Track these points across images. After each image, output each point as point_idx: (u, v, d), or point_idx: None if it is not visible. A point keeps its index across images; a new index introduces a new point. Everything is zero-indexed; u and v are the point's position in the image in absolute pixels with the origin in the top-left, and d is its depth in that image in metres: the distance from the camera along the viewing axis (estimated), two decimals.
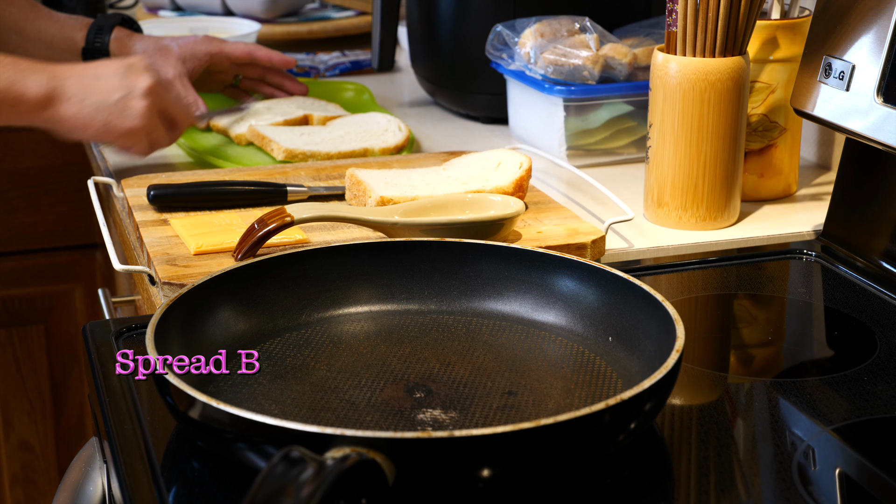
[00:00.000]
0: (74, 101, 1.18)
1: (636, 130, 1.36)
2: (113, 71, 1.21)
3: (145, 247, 1.05)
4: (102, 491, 0.87)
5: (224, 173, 1.24)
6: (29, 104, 1.17)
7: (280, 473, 0.61)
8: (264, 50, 1.48)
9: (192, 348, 0.82)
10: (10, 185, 1.85)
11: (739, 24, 1.10)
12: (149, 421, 0.80)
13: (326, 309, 0.91)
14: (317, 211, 0.99)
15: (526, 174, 1.13)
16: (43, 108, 1.18)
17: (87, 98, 1.19)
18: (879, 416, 0.81)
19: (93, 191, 1.19)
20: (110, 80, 1.20)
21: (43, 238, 1.89)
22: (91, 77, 1.20)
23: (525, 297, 0.91)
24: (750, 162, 1.21)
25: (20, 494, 1.95)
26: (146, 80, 1.21)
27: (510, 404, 0.78)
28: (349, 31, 2.00)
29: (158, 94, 1.22)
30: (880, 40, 1.02)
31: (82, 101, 1.18)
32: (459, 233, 1.00)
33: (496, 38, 1.37)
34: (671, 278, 1.05)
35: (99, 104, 1.19)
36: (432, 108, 1.63)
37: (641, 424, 0.73)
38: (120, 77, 1.20)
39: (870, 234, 1.07)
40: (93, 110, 1.19)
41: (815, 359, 0.94)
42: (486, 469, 0.67)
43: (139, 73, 1.21)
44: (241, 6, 1.99)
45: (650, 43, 1.35)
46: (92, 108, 1.19)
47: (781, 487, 0.73)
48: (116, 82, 1.20)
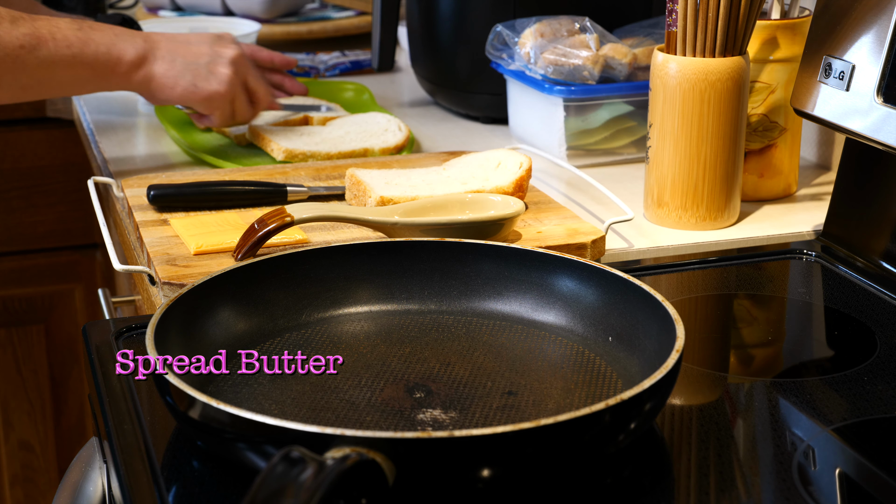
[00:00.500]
0: (165, 61, 1.24)
1: (636, 130, 1.36)
2: (202, 39, 1.28)
3: (145, 247, 1.05)
4: (102, 491, 0.87)
5: (224, 173, 1.24)
6: (125, 65, 1.22)
7: (280, 473, 0.61)
8: (266, 51, 1.49)
9: (192, 348, 0.82)
10: (10, 185, 1.85)
11: (739, 24, 1.10)
12: (149, 421, 0.80)
13: (326, 309, 0.91)
14: (317, 211, 0.99)
15: (526, 174, 1.13)
16: (137, 68, 1.23)
17: (177, 59, 1.24)
18: (879, 416, 0.81)
19: (93, 191, 1.19)
20: (200, 46, 1.26)
21: (43, 238, 1.89)
22: (182, 42, 1.26)
23: (525, 297, 0.91)
24: (750, 162, 1.21)
25: (20, 494, 1.95)
26: (233, 50, 1.27)
27: (510, 404, 0.78)
28: (349, 31, 2.00)
29: (244, 65, 1.28)
30: (880, 40, 1.02)
31: (172, 61, 1.24)
32: (459, 233, 1.00)
33: (496, 38, 1.37)
34: (671, 278, 1.05)
35: (188, 65, 1.25)
36: (432, 108, 1.63)
37: (641, 424, 0.73)
38: (209, 44, 1.27)
39: (870, 234, 1.07)
40: (181, 69, 1.24)
41: (815, 359, 0.94)
42: (486, 469, 0.67)
43: (227, 44, 1.28)
44: (241, 6, 1.99)
45: (650, 43, 1.35)
46: (181, 67, 1.24)
47: (781, 487, 0.73)
48: (206, 48, 1.26)
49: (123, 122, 1.53)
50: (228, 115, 1.29)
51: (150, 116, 1.56)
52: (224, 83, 1.26)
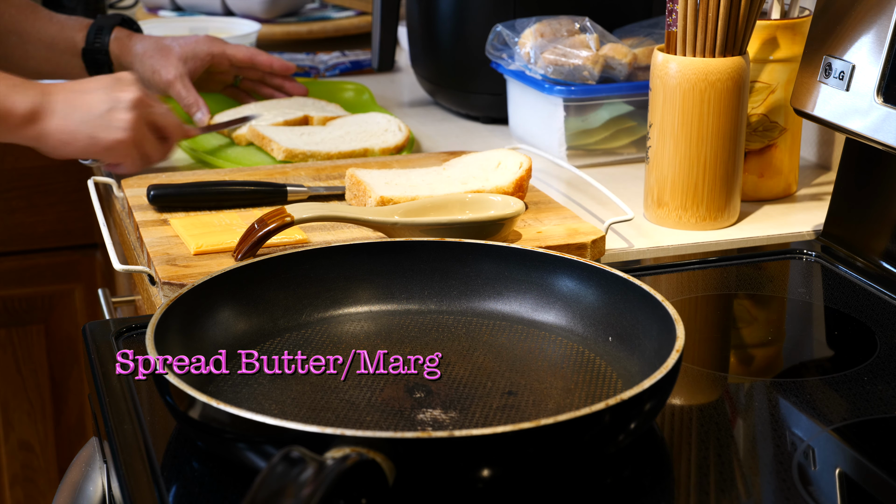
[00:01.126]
0: (59, 116, 1.17)
1: (636, 130, 1.36)
2: (99, 85, 1.20)
3: (145, 247, 1.05)
4: (102, 491, 0.87)
5: (224, 173, 1.24)
6: (16, 119, 1.16)
7: (280, 473, 0.61)
8: (265, 55, 1.48)
9: (192, 348, 0.82)
10: (10, 185, 1.85)
11: (739, 24, 1.10)
12: (149, 421, 0.80)
13: (326, 309, 0.91)
14: (317, 211, 0.99)
15: (526, 174, 1.13)
16: (29, 123, 1.17)
17: (73, 112, 1.17)
18: (879, 416, 0.81)
19: (93, 191, 1.19)
20: (96, 94, 1.19)
21: (43, 238, 1.89)
22: (78, 92, 1.19)
23: (525, 297, 0.91)
24: (750, 162, 1.21)
25: (20, 494, 1.95)
26: (132, 93, 1.19)
27: (510, 404, 0.78)
28: (349, 31, 2.00)
29: (145, 105, 1.20)
30: (880, 40, 1.02)
31: (67, 115, 1.17)
32: (459, 233, 1.00)
33: (496, 38, 1.37)
34: (671, 278, 1.05)
35: (84, 117, 1.17)
36: (432, 108, 1.63)
37: (641, 424, 0.73)
38: (106, 90, 1.19)
39: (870, 234, 1.07)
40: (77, 124, 1.17)
41: (815, 359, 0.94)
42: (486, 469, 0.67)
43: (125, 86, 1.20)
44: (241, 6, 1.99)
45: (650, 43, 1.35)
46: (77, 121, 1.17)
47: (781, 487, 0.73)
48: (102, 95, 1.18)
49: None
50: (138, 158, 1.22)
51: None
52: (124, 130, 1.18)
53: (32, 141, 1.19)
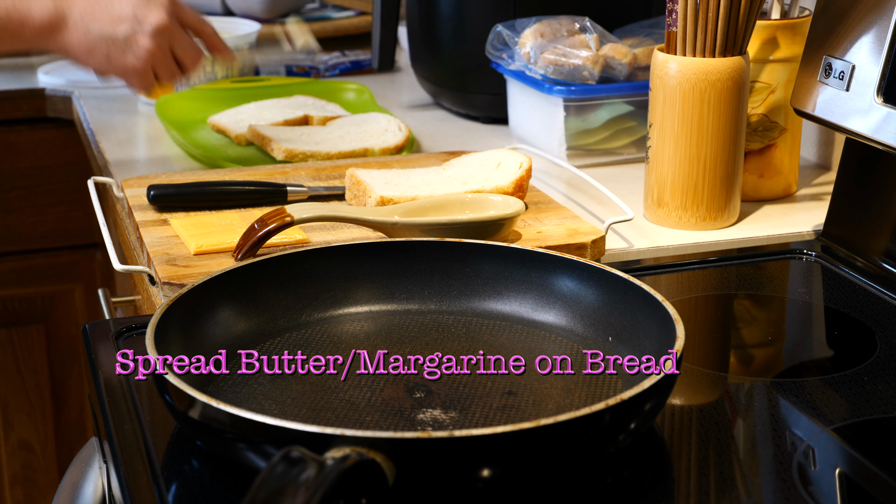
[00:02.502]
0: (79, 29, 1.12)
1: (636, 130, 1.36)
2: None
3: (145, 247, 1.05)
4: (102, 491, 0.87)
5: (224, 173, 1.24)
6: (33, 28, 1.11)
7: (280, 473, 0.61)
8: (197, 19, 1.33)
9: (192, 348, 0.82)
10: (10, 185, 1.85)
11: (739, 24, 1.10)
12: (149, 421, 0.80)
13: (326, 309, 0.91)
14: (317, 211, 0.99)
15: (526, 174, 1.13)
16: (48, 32, 1.12)
17: (92, 26, 1.13)
18: (879, 416, 0.81)
19: (93, 191, 1.19)
20: (122, 9, 1.13)
21: (43, 238, 1.89)
22: (101, 4, 1.13)
23: (525, 297, 0.91)
24: (750, 162, 1.21)
25: (20, 494, 1.95)
26: (158, 16, 1.14)
27: (510, 404, 0.78)
28: (349, 31, 2.00)
29: (168, 32, 1.15)
30: (880, 40, 1.02)
31: (87, 28, 1.12)
32: (459, 233, 1.00)
33: (496, 38, 1.37)
34: (671, 278, 1.05)
35: (103, 34, 1.13)
36: (432, 108, 1.63)
37: (641, 424, 0.73)
38: (132, 7, 1.13)
39: (870, 234, 1.07)
40: (96, 39, 1.13)
41: (815, 359, 0.94)
42: (486, 469, 0.67)
43: (154, 7, 1.14)
44: (241, 6, 1.99)
45: (650, 43, 1.35)
46: (96, 37, 1.13)
47: (781, 487, 0.73)
48: (127, 11, 1.13)
49: (123, 122, 1.53)
50: (150, 83, 1.17)
51: (150, 116, 1.56)
52: (141, 58, 1.14)
53: (55, 50, 1.15)
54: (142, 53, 1.14)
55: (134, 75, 1.16)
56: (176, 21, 1.16)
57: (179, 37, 1.17)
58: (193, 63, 1.20)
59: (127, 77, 1.16)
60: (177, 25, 1.16)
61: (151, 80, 1.17)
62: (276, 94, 1.57)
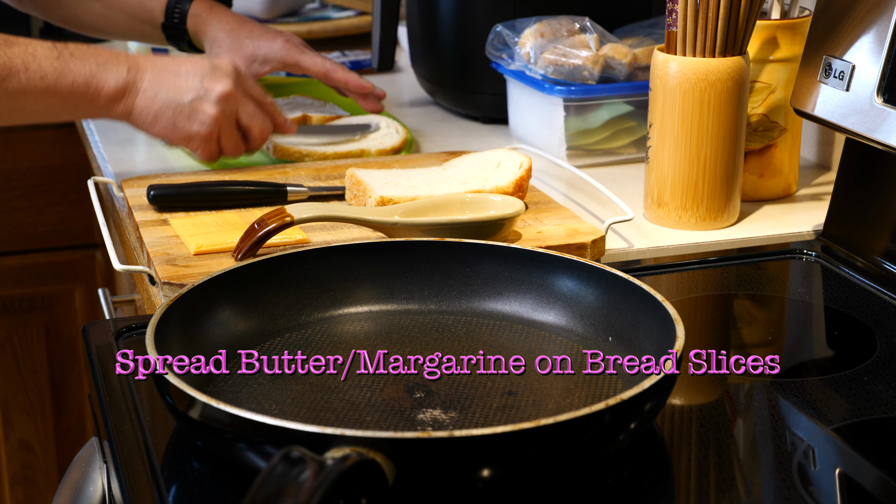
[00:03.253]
0: (147, 95, 1.15)
1: (636, 130, 1.36)
2: (195, 70, 1.16)
3: (145, 247, 1.05)
4: (102, 491, 0.87)
5: (224, 173, 1.24)
6: (106, 98, 1.14)
7: (280, 473, 0.61)
8: (341, 71, 1.41)
9: (192, 348, 0.82)
10: (10, 185, 1.85)
11: (739, 24, 1.10)
12: (149, 421, 0.80)
13: (326, 309, 0.91)
14: (317, 211, 0.99)
15: (526, 174, 1.13)
16: (117, 101, 1.14)
17: (160, 93, 1.15)
18: (879, 416, 0.81)
19: (93, 191, 1.19)
20: (189, 80, 1.16)
21: (43, 238, 1.89)
22: (171, 73, 1.16)
23: (525, 297, 0.91)
24: (750, 162, 1.21)
25: (20, 494, 1.95)
26: (224, 86, 1.16)
27: (510, 404, 0.78)
28: (349, 31, 2.00)
29: (235, 101, 1.17)
30: (880, 40, 1.02)
31: (154, 95, 1.15)
32: (459, 233, 1.00)
33: (496, 38, 1.37)
34: (671, 278, 1.05)
35: (169, 101, 1.15)
36: (432, 108, 1.63)
37: (641, 424, 0.73)
38: (199, 77, 1.16)
39: (870, 234, 1.07)
40: (162, 105, 1.15)
41: (815, 359, 0.94)
42: (486, 469, 0.67)
43: (220, 77, 1.16)
44: (241, 6, 1.99)
45: (650, 43, 1.35)
46: (162, 103, 1.15)
47: (781, 487, 0.73)
48: (194, 82, 1.15)
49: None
50: (215, 152, 1.19)
51: None
52: (206, 124, 1.16)
53: (121, 117, 1.16)
54: (207, 119, 1.16)
55: (199, 142, 1.17)
56: (241, 91, 1.18)
57: (245, 105, 1.18)
58: (259, 132, 1.21)
59: (192, 144, 1.17)
60: (242, 95, 1.18)
61: (216, 149, 1.18)
62: (276, 94, 1.56)
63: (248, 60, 1.37)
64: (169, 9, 1.39)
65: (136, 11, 1.41)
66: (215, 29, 1.39)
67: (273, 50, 1.39)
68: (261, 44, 1.39)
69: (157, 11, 1.40)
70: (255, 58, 1.38)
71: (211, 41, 1.38)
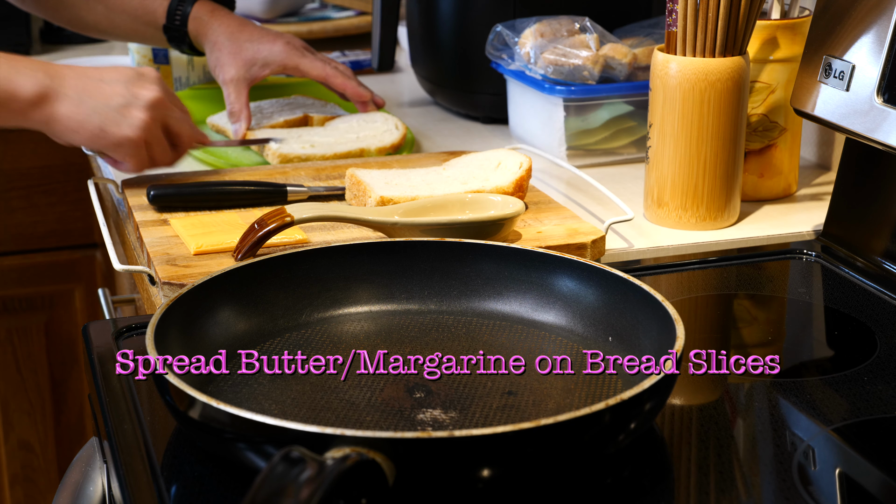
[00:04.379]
0: (71, 101, 1.12)
1: (636, 130, 1.36)
2: (119, 77, 1.15)
3: (145, 247, 1.05)
4: (102, 491, 0.87)
5: (224, 173, 1.24)
6: (21, 102, 1.11)
7: (280, 473, 0.61)
8: (340, 78, 1.41)
9: (192, 348, 0.82)
10: (10, 185, 1.85)
11: (739, 24, 1.10)
12: (149, 421, 0.80)
13: (326, 309, 0.91)
14: (317, 211, 0.99)
15: (526, 174, 1.13)
16: (36, 106, 1.12)
17: (85, 100, 1.13)
18: (879, 416, 0.81)
19: (93, 191, 1.19)
20: (114, 86, 1.14)
21: (43, 238, 1.89)
22: (94, 80, 1.14)
23: (525, 297, 0.91)
24: (750, 162, 1.21)
25: (20, 494, 1.95)
26: (152, 92, 1.15)
27: (510, 404, 0.78)
28: (349, 31, 2.00)
29: (163, 107, 1.16)
30: (880, 40, 1.02)
31: (80, 102, 1.13)
32: (459, 233, 1.00)
33: (496, 38, 1.37)
34: (671, 278, 1.05)
35: (97, 107, 1.13)
36: (432, 108, 1.63)
37: (641, 424, 0.73)
38: (126, 84, 1.15)
39: (870, 234, 1.07)
40: (89, 112, 1.13)
41: (815, 359, 0.94)
42: (486, 469, 0.67)
43: (147, 83, 1.15)
44: (241, 6, 1.99)
45: (650, 43, 1.35)
46: (89, 110, 1.13)
47: (781, 487, 0.73)
48: (121, 88, 1.14)
49: None
50: (144, 160, 1.16)
51: None
52: (136, 128, 1.13)
53: (40, 125, 1.14)
54: (137, 123, 1.14)
55: (129, 147, 1.15)
56: (168, 97, 1.17)
57: (173, 113, 1.17)
58: (188, 139, 1.20)
59: (120, 150, 1.15)
60: (170, 101, 1.17)
61: (145, 156, 1.16)
62: (276, 94, 1.57)
63: (249, 63, 1.37)
64: (171, 11, 1.39)
65: (139, 13, 1.41)
66: (216, 32, 1.39)
67: (273, 53, 1.39)
68: (261, 47, 1.39)
69: (159, 13, 1.40)
70: (255, 61, 1.38)
71: (211, 44, 1.39)
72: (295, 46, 1.41)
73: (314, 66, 1.41)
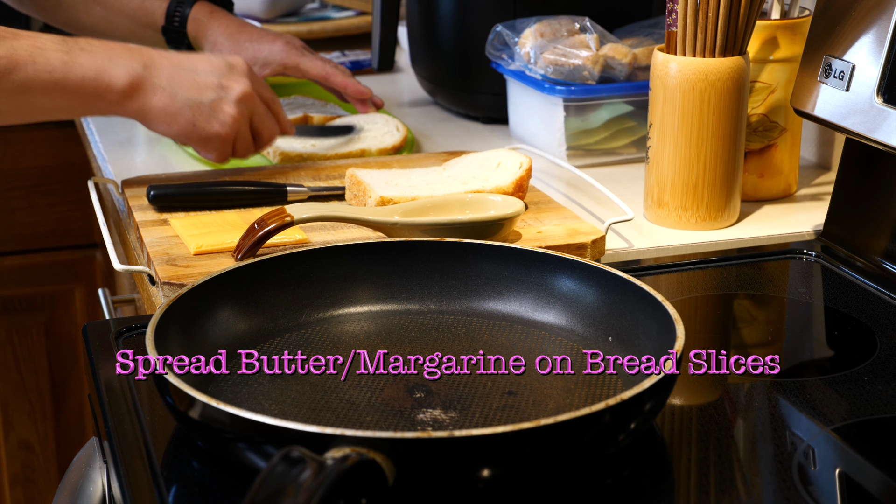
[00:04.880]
0: (165, 94, 1.11)
1: (636, 130, 1.36)
2: (212, 68, 1.14)
3: (145, 247, 1.05)
4: (102, 491, 0.87)
5: (224, 173, 1.24)
6: (117, 94, 1.10)
7: (280, 473, 0.61)
8: (340, 76, 1.41)
9: (192, 348, 0.82)
10: (10, 185, 1.85)
11: (739, 24, 1.10)
12: (149, 421, 0.80)
13: (326, 309, 0.91)
14: (317, 211, 0.99)
15: (526, 174, 1.13)
16: (130, 97, 1.10)
17: (179, 92, 1.12)
18: (879, 416, 0.81)
19: (93, 191, 1.19)
20: (207, 77, 1.13)
21: (43, 238, 1.89)
22: (188, 70, 1.13)
23: (525, 297, 0.91)
24: (750, 162, 1.21)
25: (20, 494, 1.95)
26: (242, 86, 1.14)
27: (510, 404, 0.78)
28: (349, 31, 2.00)
29: (251, 101, 1.15)
30: (880, 40, 1.02)
31: (173, 94, 1.12)
32: (459, 233, 1.00)
33: (496, 38, 1.37)
34: (671, 278, 1.05)
35: (189, 101, 1.12)
36: (432, 108, 1.63)
37: (641, 424, 0.73)
38: (217, 76, 1.14)
39: (870, 234, 1.07)
40: (181, 106, 1.12)
41: (815, 359, 0.94)
42: (486, 469, 0.67)
43: (237, 77, 1.15)
44: (241, 6, 1.99)
45: (650, 43, 1.35)
46: (181, 104, 1.12)
47: (781, 487, 0.73)
48: (213, 80, 1.13)
49: (123, 122, 1.53)
50: (228, 153, 1.17)
51: None
52: (226, 125, 1.14)
53: (134, 115, 1.12)
54: (227, 120, 1.14)
55: (216, 142, 1.15)
56: (256, 91, 1.17)
57: (259, 108, 1.17)
58: (269, 136, 1.19)
59: (208, 144, 1.15)
60: (257, 97, 1.17)
61: (230, 150, 1.17)
62: (277, 94, 1.56)
63: (249, 63, 1.37)
64: (170, 12, 1.40)
65: (138, 15, 1.41)
66: (215, 33, 1.39)
67: (273, 53, 1.39)
68: (261, 47, 1.39)
69: (158, 15, 1.40)
70: (255, 61, 1.38)
71: (211, 45, 1.39)
72: (294, 46, 1.41)
73: (314, 65, 1.41)
